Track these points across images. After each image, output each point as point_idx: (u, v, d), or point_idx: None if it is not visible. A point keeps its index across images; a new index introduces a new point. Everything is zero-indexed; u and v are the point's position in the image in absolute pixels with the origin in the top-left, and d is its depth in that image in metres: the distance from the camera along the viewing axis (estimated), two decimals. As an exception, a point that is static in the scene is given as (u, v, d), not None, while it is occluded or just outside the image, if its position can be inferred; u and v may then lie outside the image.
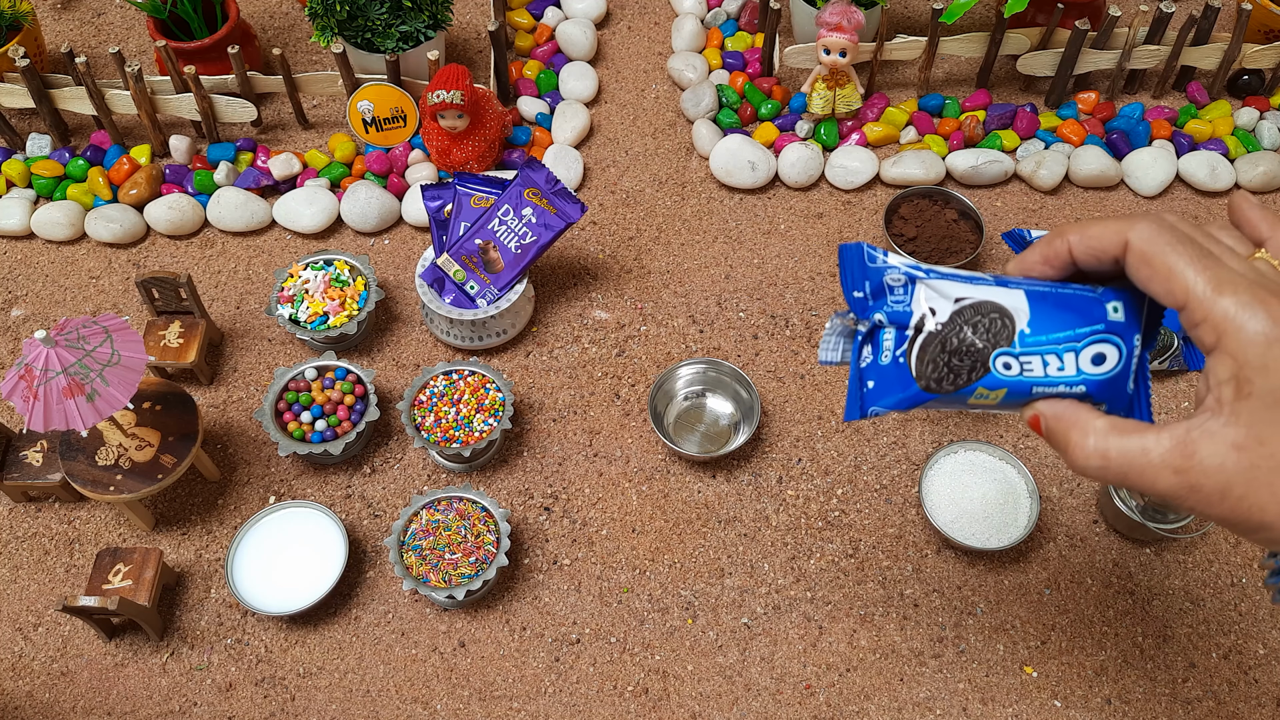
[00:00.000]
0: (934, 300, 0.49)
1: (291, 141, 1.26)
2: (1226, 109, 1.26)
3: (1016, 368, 0.48)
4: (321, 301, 1.05)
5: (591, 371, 1.08)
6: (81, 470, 0.92)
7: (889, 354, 0.49)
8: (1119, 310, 0.49)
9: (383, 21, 1.17)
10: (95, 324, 0.84)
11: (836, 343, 0.51)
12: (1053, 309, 0.49)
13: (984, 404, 0.49)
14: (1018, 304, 0.49)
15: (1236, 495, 0.42)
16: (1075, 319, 0.48)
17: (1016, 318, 0.49)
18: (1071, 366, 0.48)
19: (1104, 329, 0.48)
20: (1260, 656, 0.92)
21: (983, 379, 0.49)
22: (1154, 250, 0.45)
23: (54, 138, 1.23)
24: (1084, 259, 0.48)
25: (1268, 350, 0.42)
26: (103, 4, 1.40)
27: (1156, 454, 0.44)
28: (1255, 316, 0.42)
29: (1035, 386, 0.49)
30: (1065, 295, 0.49)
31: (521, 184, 1.06)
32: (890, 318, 0.49)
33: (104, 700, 0.91)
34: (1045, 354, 0.48)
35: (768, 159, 1.20)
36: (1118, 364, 0.49)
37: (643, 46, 1.36)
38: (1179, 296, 0.44)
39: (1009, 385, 0.49)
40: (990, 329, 0.48)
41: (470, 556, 0.91)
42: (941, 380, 0.49)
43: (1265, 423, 0.42)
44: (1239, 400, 0.42)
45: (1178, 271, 0.44)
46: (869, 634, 0.93)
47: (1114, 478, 0.46)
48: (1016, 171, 1.22)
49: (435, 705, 0.91)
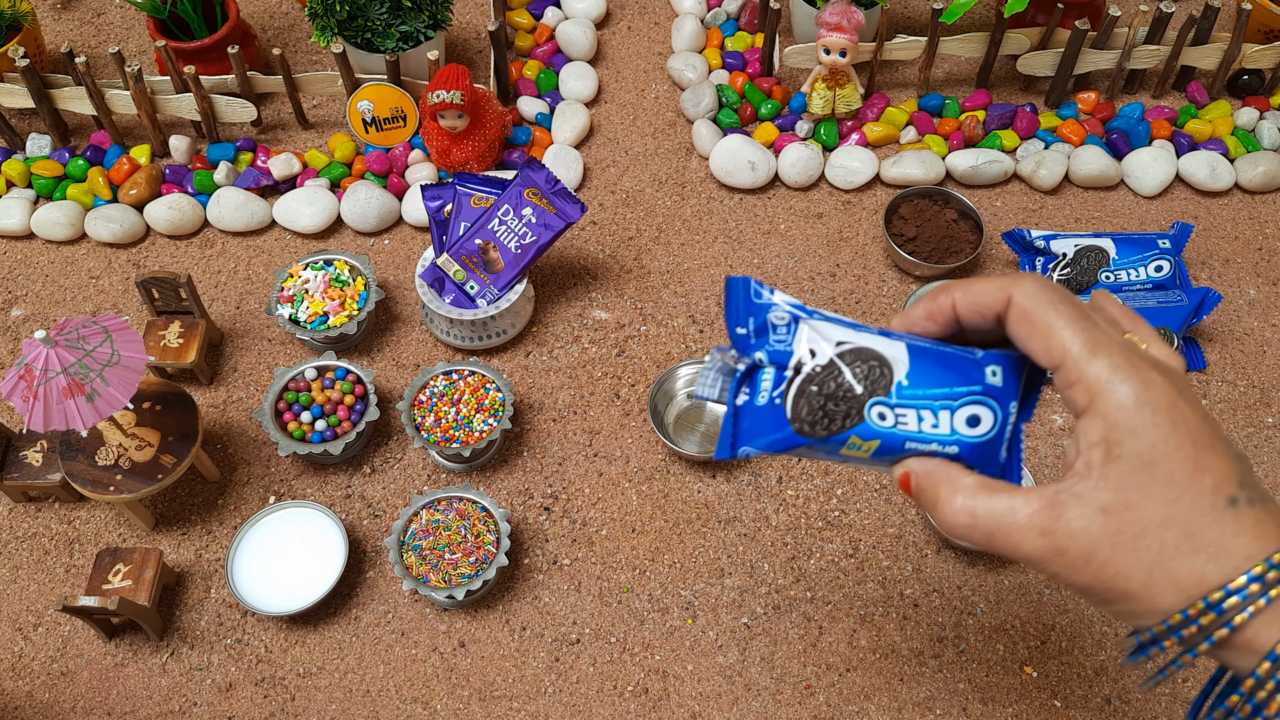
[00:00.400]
0: (815, 342, 0.49)
1: (291, 141, 1.26)
2: (1226, 109, 1.26)
3: (891, 419, 0.48)
4: (321, 301, 1.05)
5: (591, 371, 1.08)
6: (81, 470, 0.92)
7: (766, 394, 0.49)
8: (997, 375, 0.49)
9: (383, 21, 1.17)
10: (95, 324, 0.84)
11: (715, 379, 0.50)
12: (933, 364, 0.48)
13: (856, 456, 0.49)
14: (898, 355, 0.49)
15: (1101, 560, 0.42)
16: (954, 377, 0.48)
17: (896, 368, 0.48)
18: (946, 425, 0.48)
19: (981, 390, 0.48)
20: (1260, 656, 0.92)
21: (857, 427, 0.48)
22: (1036, 308, 0.45)
23: (54, 138, 1.23)
24: (967, 315, 0.48)
25: (1138, 414, 0.42)
26: (103, 4, 1.40)
27: (1024, 514, 0.44)
28: (1128, 381, 0.42)
29: (908, 441, 0.48)
30: (946, 353, 0.49)
31: (521, 184, 1.06)
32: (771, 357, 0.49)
33: (104, 700, 0.91)
34: (921, 409, 0.48)
35: (768, 159, 1.20)
36: (992, 428, 0.48)
37: (643, 46, 1.36)
38: (1056, 355, 0.44)
39: (882, 437, 0.48)
40: (869, 376, 0.48)
41: (470, 556, 0.92)
42: (815, 424, 0.48)
43: (1133, 487, 0.42)
44: (1108, 464, 0.42)
45: (1056, 330, 0.44)
46: (869, 634, 0.93)
47: (981, 537, 0.45)
48: (1016, 171, 1.22)
49: (435, 705, 0.91)
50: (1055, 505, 0.43)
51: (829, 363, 0.48)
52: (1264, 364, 1.09)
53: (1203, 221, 1.19)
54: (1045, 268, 1.09)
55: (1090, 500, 0.42)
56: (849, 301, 1.13)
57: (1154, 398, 0.42)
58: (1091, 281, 1.07)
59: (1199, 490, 0.42)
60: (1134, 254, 1.08)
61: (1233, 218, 1.20)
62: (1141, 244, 1.08)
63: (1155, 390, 0.42)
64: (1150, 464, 0.42)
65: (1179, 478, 0.42)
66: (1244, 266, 1.16)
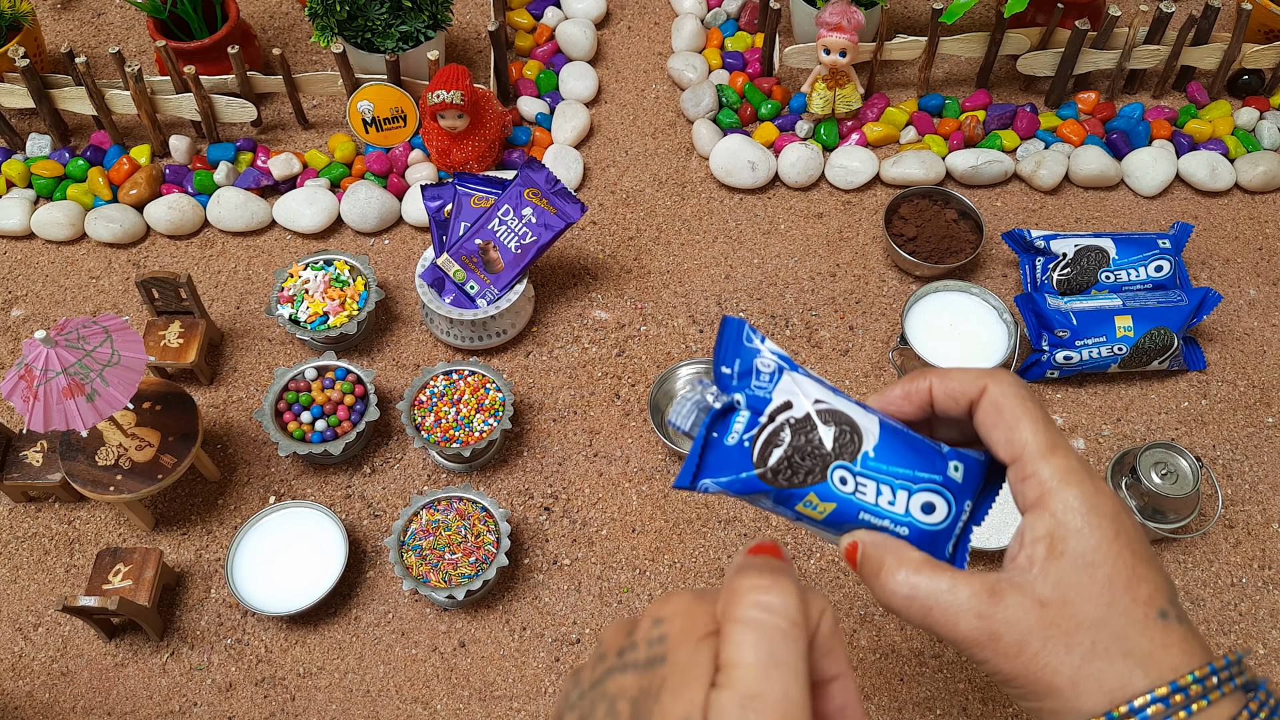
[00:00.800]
0: (795, 395, 0.50)
1: (291, 141, 1.26)
2: (1226, 109, 1.26)
3: (852, 485, 0.49)
4: (321, 301, 1.05)
5: (591, 371, 1.08)
6: (81, 470, 0.92)
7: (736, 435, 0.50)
8: (959, 470, 0.50)
9: (383, 21, 1.17)
10: (95, 324, 0.84)
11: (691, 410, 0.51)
12: (901, 444, 0.50)
13: (810, 515, 0.50)
14: (870, 426, 0.50)
15: (1032, 651, 0.43)
16: (919, 461, 0.50)
17: (866, 438, 0.50)
18: (902, 505, 0.49)
19: (941, 481, 0.49)
20: (1260, 656, 0.92)
21: (817, 485, 0.49)
22: (1006, 401, 0.47)
23: (54, 138, 1.23)
24: (942, 401, 0.50)
25: (1085, 518, 0.44)
26: (103, 4, 1.40)
27: (964, 595, 0.45)
28: (1080, 485, 0.45)
29: (863, 512, 0.49)
30: (914, 438, 0.50)
31: (521, 184, 1.06)
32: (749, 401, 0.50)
33: (104, 700, 0.91)
34: (882, 483, 0.49)
35: (768, 159, 1.20)
36: (945, 519, 0.50)
37: (643, 46, 1.36)
38: (1016, 448, 0.46)
39: (839, 501, 0.49)
40: (839, 439, 0.49)
41: (470, 556, 0.92)
42: (779, 473, 0.49)
43: (1072, 585, 0.43)
44: (1050, 560, 0.44)
45: (1021, 426, 0.46)
46: (869, 634, 0.93)
47: (918, 613, 0.46)
48: (1016, 171, 1.22)
49: (435, 705, 0.91)
50: (995, 592, 0.44)
51: (804, 417, 0.50)
52: (1264, 364, 1.09)
53: (1203, 221, 1.19)
54: (1045, 268, 1.09)
55: (1030, 592, 0.44)
56: (849, 301, 1.13)
57: (1101, 504, 0.45)
58: (1092, 281, 1.07)
59: (1134, 598, 0.43)
60: (1134, 254, 1.08)
61: (1233, 218, 1.20)
62: (1141, 244, 1.08)
63: (1103, 498, 0.45)
64: (1091, 565, 0.43)
65: (1116, 583, 0.43)
66: (1244, 266, 1.16)
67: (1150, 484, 0.93)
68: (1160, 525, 0.94)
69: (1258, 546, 0.98)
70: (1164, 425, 1.05)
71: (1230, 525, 0.99)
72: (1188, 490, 0.93)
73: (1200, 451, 1.03)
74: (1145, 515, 0.94)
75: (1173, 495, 0.92)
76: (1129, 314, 1.02)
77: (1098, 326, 1.02)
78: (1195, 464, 0.94)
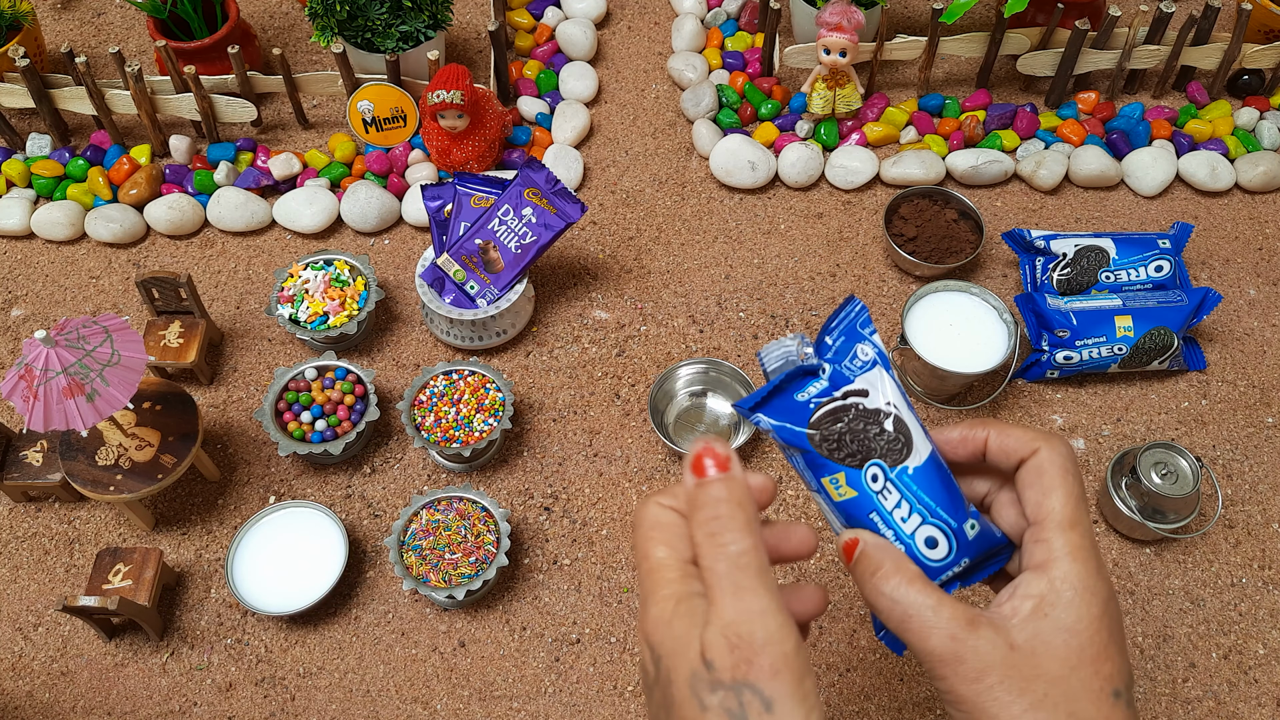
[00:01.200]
0: (875, 388, 0.53)
1: (291, 141, 1.26)
2: (1226, 109, 1.26)
3: (880, 485, 0.52)
4: (321, 301, 1.05)
5: (591, 371, 1.08)
6: (81, 470, 0.92)
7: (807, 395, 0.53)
8: (974, 530, 0.52)
9: (383, 21, 1.17)
10: (95, 324, 0.84)
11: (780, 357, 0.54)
12: (939, 479, 0.52)
13: (829, 492, 0.53)
14: (922, 449, 0.53)
15: (987, 684, 0.46)
16: (946, 502, 0.52)
17: (914, 456, 0.52)
18: (911, 527, 0.52)
19: (955, 528, 0.52)
20: (1260, 656, 0.92)
21: (849, 468, 0.52)
22: (1051, 469, 0.50)
23: (54, 138, 1.23)
24: (994, 453, 0.53)
25: (1079, 593, 0.47)
26: (103, 4, 1.40)
27: (944, 615, 0.47)
28: (1085, 563, 0.48)
29: (875, 513, 0.52)
30: (953, 483, 0.53)
31: (521, 184, 1.06)
32: (832, 374, 0.53)
33: (104, 700, 0.91)
34: (905, 498, 0.52)
35: (768, 159, 1.20)
36: (939, 561, 0.52)
37: (643, 46, 1.36)
38: (1042, 511, 0.49)
39: (860, 492, 0.52)
40: (891, 443, 0.52)
41: (470, 556, 0.92)
42: (824, 441, 0.52)
43: (1045, 642, 0.46)
44: (1033, 618, 0.47)
45: (1054, 494, 0.49)
46: (869, 634, 0.93)
47: (896, 618, 0.48)
48: (1016, 171, 1.22)
49: (435, 705, 0.91)
50: (973, 622, 0.47)
51: (874, 409, 0.53)
52: (1264, 364, 1.09)
53: (1203, 221, 1.19)
54: (1045, 268, 1.09)
55: (1005, 633, 0.47)
56: (849, 301, 1.13)
57: (1097, 587, 0.48)
58: (1092, 281, 1.07)
59: (1095, 672, 0.46)
60: (1134, 254, 1.08)
61: (1233, 218, 1.20)
62: (1141, 244, 1.08)
63: (1100, 581, 0.48)
64: (1068, 633, 0.46)
65: (1085, 656, 0.46)
66: (1244, 266, 1.16)
67: (1150, 484, 0.93)
68: (1160, 525, 0.94)
69: (1258, 546, 0.98)
70: (1164, 425, 1.05)
71: (1230, 525, 0.99)
72: (1188, 490, 0.93)
73: (1200, 451, 1.03)
74: (1145, 515, 0.94)
75: (1173, 495, 0.92)
76: (1129, 314, 1.02)
77: (1098, 326, 1.02)
78: (1195, 464, 0.94)
